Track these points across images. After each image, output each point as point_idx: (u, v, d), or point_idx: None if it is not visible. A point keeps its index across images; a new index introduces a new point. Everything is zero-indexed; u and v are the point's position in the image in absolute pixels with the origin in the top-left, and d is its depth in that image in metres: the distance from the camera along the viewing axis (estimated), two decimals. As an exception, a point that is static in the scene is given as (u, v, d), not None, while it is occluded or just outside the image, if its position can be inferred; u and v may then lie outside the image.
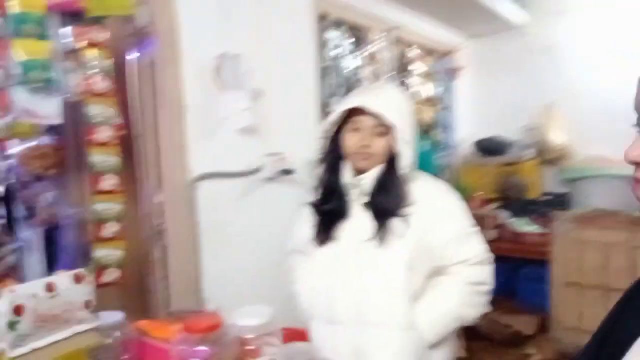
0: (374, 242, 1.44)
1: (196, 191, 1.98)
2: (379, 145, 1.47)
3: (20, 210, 2.29)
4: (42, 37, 1.54)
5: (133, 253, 1.88)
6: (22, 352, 1.07)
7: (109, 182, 1.74)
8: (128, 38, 1.92)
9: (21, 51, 1.50)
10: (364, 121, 1.47)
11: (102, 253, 1.73)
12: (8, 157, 2.03)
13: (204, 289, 1.97)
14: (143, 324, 1.31)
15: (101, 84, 1.70)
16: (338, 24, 2.77)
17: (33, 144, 1.91)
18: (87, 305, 1.23)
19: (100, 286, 1.73)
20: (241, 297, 2.06)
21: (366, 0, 2.86)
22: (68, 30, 1.63)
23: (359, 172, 1.51)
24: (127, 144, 1.86)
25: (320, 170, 1.59)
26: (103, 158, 1.73)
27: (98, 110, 1.71)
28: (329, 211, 1.54)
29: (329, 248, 1.52)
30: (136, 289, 1.97)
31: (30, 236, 2.48)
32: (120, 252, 1.77)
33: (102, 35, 1.70)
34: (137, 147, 1.98)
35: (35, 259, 2.56)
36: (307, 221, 1.58)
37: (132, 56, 1.96)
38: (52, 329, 1.14)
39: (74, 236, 1.97)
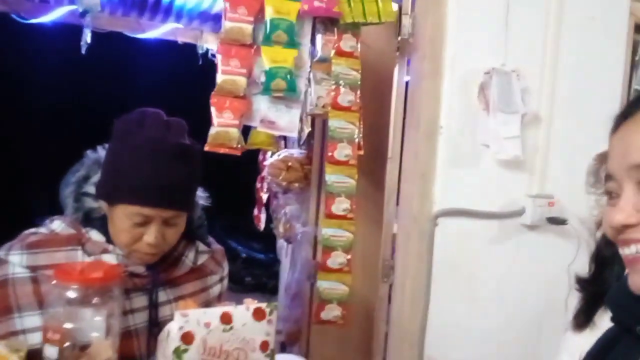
0: None
1: (436, 227, 1.68)
2: None
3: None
4: (290, 44, 1.47)
5: (360, 289, 1.69)
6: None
7: (341, 205, 1.58)
8: (385, 49, 1.76)
9: (267, 59, 1.46)
10: None
11: (324, 285, 1.57)
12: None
13: (426, 345, 1.65)
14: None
15: (345, 96, 1.56)
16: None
17: (282, 155, 1.90)
18: (264, 347, 1.06)
19: (318, 323, 1.59)
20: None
21: None
22: (318, 38, 1.54)
23: None
24: (366, 166, 1.68)
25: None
26: (338, 178, 1.58)
27: (338, 125, 1.57)
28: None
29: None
30: (359, 330, 1.77)
31: (282, 244, 2.54)
32: (345, 287, 1.59)
33: (353, 43, 1.57)
34: (384, 169, 1.80)
35: (284, 266, 2.62)
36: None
37: (387, 69, 1.78)
38: (220, 366, 0.99)
39: (305, 256, 1.90)
